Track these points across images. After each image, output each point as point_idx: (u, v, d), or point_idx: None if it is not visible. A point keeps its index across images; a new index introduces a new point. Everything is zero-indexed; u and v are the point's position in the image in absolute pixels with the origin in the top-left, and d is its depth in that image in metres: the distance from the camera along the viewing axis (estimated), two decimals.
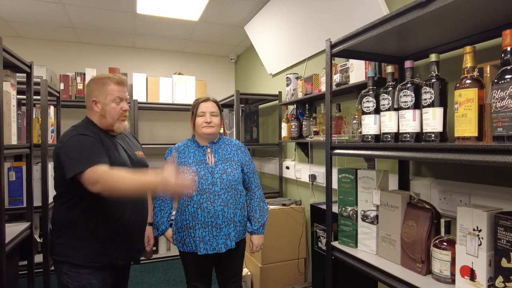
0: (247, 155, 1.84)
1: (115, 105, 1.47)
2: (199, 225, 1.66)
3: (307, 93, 2.46)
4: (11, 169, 2.17)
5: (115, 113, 1.48)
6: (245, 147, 1.87)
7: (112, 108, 1.47)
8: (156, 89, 3.68)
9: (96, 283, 1.41)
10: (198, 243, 1.66)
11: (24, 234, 1.84)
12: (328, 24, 2.28)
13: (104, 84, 1.47)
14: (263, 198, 1.86)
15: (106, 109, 1.46)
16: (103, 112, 1.46)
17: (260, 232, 1.82)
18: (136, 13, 3.00)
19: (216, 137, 1.80)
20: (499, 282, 0.95)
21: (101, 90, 1.46)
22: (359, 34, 1.30)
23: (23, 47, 3.55)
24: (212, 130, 1.73)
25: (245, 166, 1.81)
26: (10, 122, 1.67)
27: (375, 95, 1.33)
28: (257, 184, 1.86)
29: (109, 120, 1.47)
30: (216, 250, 1.66)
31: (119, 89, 1.49)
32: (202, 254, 1.66)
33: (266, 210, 1.86)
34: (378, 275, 1.26)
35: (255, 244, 1.82)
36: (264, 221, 1.83)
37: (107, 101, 1.46)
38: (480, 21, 1.09)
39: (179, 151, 1.77)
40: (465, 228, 1.05)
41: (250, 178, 1.83)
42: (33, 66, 1.97)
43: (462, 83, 0.99)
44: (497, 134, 0.87)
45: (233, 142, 1.85)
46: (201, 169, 1.69)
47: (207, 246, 1.66)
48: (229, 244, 1.68)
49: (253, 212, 1.81)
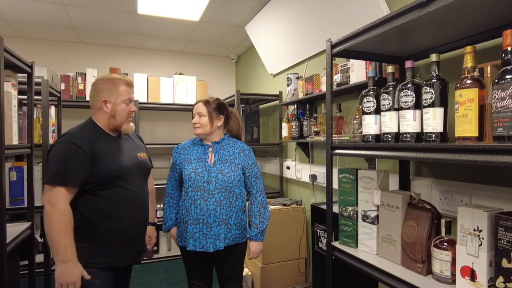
0: (250, 159, 1.80)
1: (125, 106, 1.50)
2: (191, 220, 1.68)
3: (308, 93, 2.46)
4: (12, 169, 2.18)
5: (125, 114, 1.50)
6: (250, 150, 1.83)
7: (122, 108, 1.49)
8: (157, 89, 3.69)
9: (99, 282, 1.42)
10: (189, 238, 1.69)
11: (25, 234, 1.85)
12: (328, 24, 2.28)
13: (116, 84, 1.48)
14: (264, 204, 1.82)
15: (117, 109, 1.47)
16: (113, 112, 1.47)
17: (258, 239, 1.78)
18: (137, 13, 3.00)
19: (211, 136, 1.78)
20: (500, 282, 0.95)
21: (112, 91, 1.47)
22: (360, 34, 1.30)
23: (24, 47, 3.56)
24: (199, 131, 1.76)
25: (247, 170, 1.78)
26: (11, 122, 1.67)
27: (376, 95, 1.33)
28: (259, 189, 1.81)
29: (119, 120, 1.49)
30: (205, 249, 1.67)
31: (129, 90, 1.51)
32: (190, 250, 1.68)
33: (267, 217, 1.81)
34: (378, 275, 1.26)
35: (252, 251, 1.79)
36: (264, 228, 1.79)
37: (118, 102, 1.47)
38: (480, 21, 1.09)
39: (184, 148, 1.83)
40: (465, 228, 1.05)
41: (252, 183, 1.80)
42: (34, 66, 1.97)
43: (463, 83, 0.99)
44: (498, 134, 0.87)
45: (238, 144, 1.83)
46: (199, 166, 1.72)
47: (196, 243, 1.67)
48: (217, 245, 1.67)
49: (253, 217, 1.79)
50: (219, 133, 1.81)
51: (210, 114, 1.75)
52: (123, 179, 1.45)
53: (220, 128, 1.81)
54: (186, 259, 1.80)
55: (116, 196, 1.43)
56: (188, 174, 1.72)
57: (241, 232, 1.77)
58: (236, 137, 1.90)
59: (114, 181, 1.43)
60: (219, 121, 1.78)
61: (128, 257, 1.50)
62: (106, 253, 1.42)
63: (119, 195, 1.44)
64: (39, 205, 2.25)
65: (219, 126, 1.79)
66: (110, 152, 1.44)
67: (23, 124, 2.04)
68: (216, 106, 1.78)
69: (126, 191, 1.47)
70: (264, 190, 1.85)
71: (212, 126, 1.75)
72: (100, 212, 1.41)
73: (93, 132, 1.45)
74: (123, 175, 1.45)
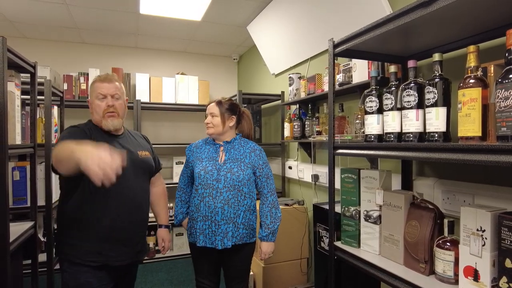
0: (261, 159, 1.81)
1: (99, 102, 1.52)
2: (200, 217, 1.72)
3: (310, 93, 2.46)
4: (15, 168, 2.18)
5: (100, 110, 1.52)
6: (261, 150, 1.84)
7: (97, 105, 1.52)
8: (159, 89, 3.69)
9: (95, 282, 1.42)
10: (198, 234, 1.72)
11: (28, 233, 1.85)
12: (330, 23, 2.28)
13: (92, 83, 1.56)
14: (276, 204, 1.82)
15: (92, 106, 1.53)
16: (91, 110, 1.54)
17: (270, 240, 1.79)
18: (139, 13, 3.01)
19: (223, 136, 1.81)
20: (503, 282, 0.95)
21: (91, 90, 1.56)
22: (362, 33, 1.30)
23: (27, 47, 3.57)
24: (211, 131, 1.79)
25: (258, 169, 1.79)
26: (14, 122, 1.68)
27: (378, 94, 1.33)
28: (270, 189, 1.82)
29: (96, 116, 1.53)
30: (214, 246, 1.69)
31: (102, 86, 1.53)
32: (200, 246, 1.71)
33: (278, 217, 1.81)
34: (381, 275, 1.26)
35: (263, 251, 1.80)
36: (275, 229, 1.79)
37: (92, 99, 1.53)
38: (483, 20, 1.09)
39: (197, 147, 1.87)
40: (468, 228, 1.04)
41: (263, 183, 1.81)
42: (37, 67, 1.98)
43: (466, 82, 0.98)
44: (501, 134, 0.86)
45: (249, 144, 1.84)
46: (209, 164, 1.75)
47: (206, 239, 1.70)
48: (225, 243, 1.68)
49: (264, 217, 1.79)
50: (231, 133, 1.84)
51: (223, 115, 1.78)
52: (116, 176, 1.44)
53: (232, 128, 1.84)
54: (195, 256, 1.83)
55: (109, 192, 1.40)
56: (198, 172, 1.75)
57: (249, 232, 1.77)
58: (247, 137, 1.92)
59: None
60: (231, 121, 1.81)
61: (124, 256, 1.49)
62: (100, 251, 1.42)
63: (113, 191, 1.41)
64: (42, 205, 2.27)
65: (231, 126, 1.82)
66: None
67: (26, 124, 2.05)
68: (228, 106, 1.81)
69: (121, 188, 1.44)
70: (275, 190, 1.86)
71: (224, 126, 1.78)
72: (93, 209, 1.41)
73: (91, 128, 1.52)
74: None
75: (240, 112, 1.87)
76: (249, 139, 1.91)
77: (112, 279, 1.49)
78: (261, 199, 1.83)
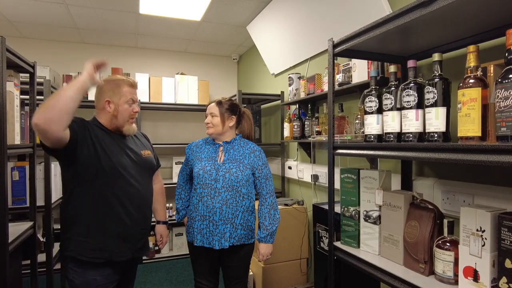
0: (260, 160, 1.80)
1: (128, 107, 1.52)
2: (198, 217, 1.72)
3: (310, 93, 2.46)
4: (14, 168, 2.18)
5: (127, 115, 1.52)
6: (261, 151, 1.84)
7: (125, 109, 1.51)
8: (158, 89, 3.69)
9: (101, 279, 1.43)
10: (196, 234, 1.72)
11: (27, 233, 1.85)
12: (330, 23, 2.27)
13: (119, 85, 1.51)
14: (275, 206, 1.81)
15: (119, 109, 1.50)
16: (115, 113, 1.50)
17: (268, 241, 1.78)
18: (139, 13, 3.01)
19: (223, 136, 1.81)
20: (503, 283, 0.94)
21: (115, 91, 1.50)
22: (362, 33, 1.30)
23: (26, 47, 3.57)
24: (211, 131, 1.80)
25: (257, 170, 1.78)
26: (13, 122, 1.68)
27: (378, 94, 1.33)
28: (269, 190, 1.81)
29: (120, 121, 1.51)
30: (211, 246, 1.69)
31: (132, 91, 1.54)
32: (198, 245, 1.71)
33: (277, 219, 1.80)
34: (380, 276, 1.26)
35: (261, 253, 1.79)
36: (273, 230, 1.78)
37: (120, 102, 1.50)
38: (483, 20, 1.08)
39: (197, 146, 1.87)
40: (468, 228, 1.04)
41: (262, 184, 1.80)
42: (37, 66, 1.98)
43: (466, 82, 0.98)
44: (501, 134, 0.86)
45: (249, 145, 1.84)
46: (208, 164, 1.75)
47: (204, 239, 1.70)
48: (223, 243, 1.68)
49: (263, 219, 1.79)
50: (231, 133, 1.83)
51: (222, 115, 1.78)
52: (119, 174, 1.45)
53: (232, 128, 1.83)
54: (193, 255, 1.82)
55: (114, 189, 1.44)
56: (197, 171, 1.75)
57: (247, 232, 1.77)
58: (248, 137, 1.91)
59: (111, 173, 1.43)
60: (231, 121, 1.81)
61: (127, 252, 1.50)
62: (105, 248, 1.43)
63: (118, 189, 1.45)
64: (41, 205, 2.27)
65: (231, 126, 1.82)
66: (106, 143, 1.46)
67: (26, 124, 2.04)
68: (228, 106, 1.81)
69: (126, 186, 1.47)
70: (274, 191, 1.85)
71: (224, 126, 1.78)
72: (98, 206, 1.42)
73: (93, 125, 1.48)
74: (119, 168, 1.45)
75: (240, 112, 1.87)
76: (250, 139, 1.91)
77: (115, 276, 1.50)
78: (260, 200, 1.82)
